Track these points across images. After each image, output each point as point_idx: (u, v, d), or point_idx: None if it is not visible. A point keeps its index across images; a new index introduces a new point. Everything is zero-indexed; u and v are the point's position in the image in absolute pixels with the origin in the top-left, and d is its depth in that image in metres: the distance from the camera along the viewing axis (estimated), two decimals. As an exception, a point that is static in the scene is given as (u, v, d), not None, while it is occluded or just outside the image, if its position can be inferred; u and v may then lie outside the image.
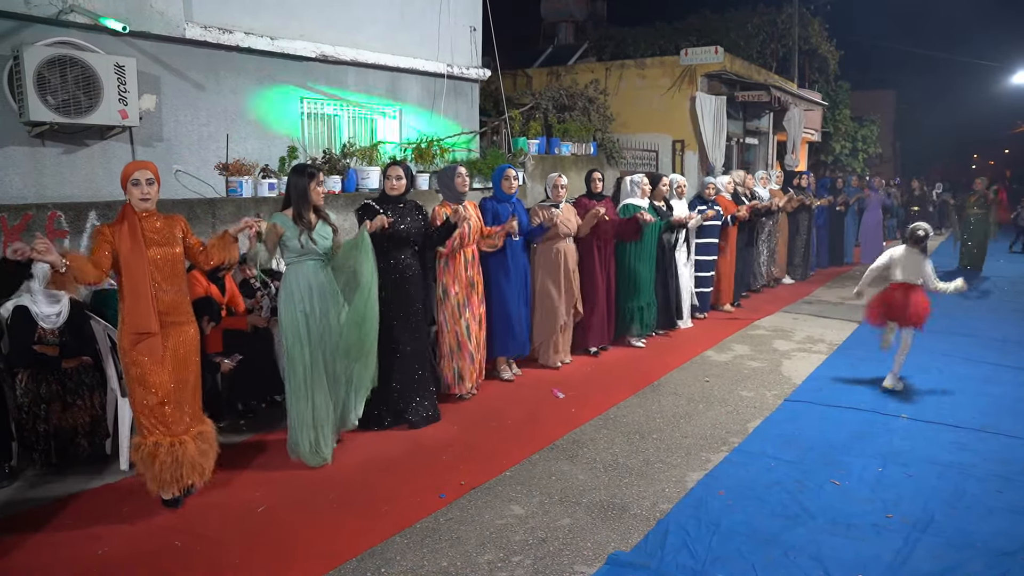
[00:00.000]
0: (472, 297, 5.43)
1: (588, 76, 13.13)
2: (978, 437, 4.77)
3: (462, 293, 5.37)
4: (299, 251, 4.24)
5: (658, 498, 3.91)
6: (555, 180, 6.27)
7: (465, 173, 5.41)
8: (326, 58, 7.27)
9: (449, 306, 5.38)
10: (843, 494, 3.96)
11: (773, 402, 5.46)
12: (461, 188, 5.35)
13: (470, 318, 5.41)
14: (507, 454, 4.46)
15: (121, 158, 5.89)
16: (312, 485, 4.03)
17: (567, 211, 6.28)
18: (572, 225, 6.28)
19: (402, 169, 4.93)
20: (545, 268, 6.20)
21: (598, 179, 6.70)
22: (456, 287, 5.37)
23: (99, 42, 5.64)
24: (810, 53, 17.68)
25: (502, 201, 5.86)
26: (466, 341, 5.39)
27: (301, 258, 4.26)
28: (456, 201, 5.31)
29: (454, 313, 5.37)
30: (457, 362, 5.41)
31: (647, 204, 6.98)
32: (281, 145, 6.90)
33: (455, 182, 5.35)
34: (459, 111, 8.97)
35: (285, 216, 4.25)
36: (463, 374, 5.41)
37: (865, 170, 19.24)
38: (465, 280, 5.39)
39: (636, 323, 6.99)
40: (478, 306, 5.51)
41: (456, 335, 5.39)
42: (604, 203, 6.56)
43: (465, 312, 5.38)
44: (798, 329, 7.85)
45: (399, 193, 4.89)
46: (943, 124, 39.54)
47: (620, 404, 5.40)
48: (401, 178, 4.89)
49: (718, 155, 12.33)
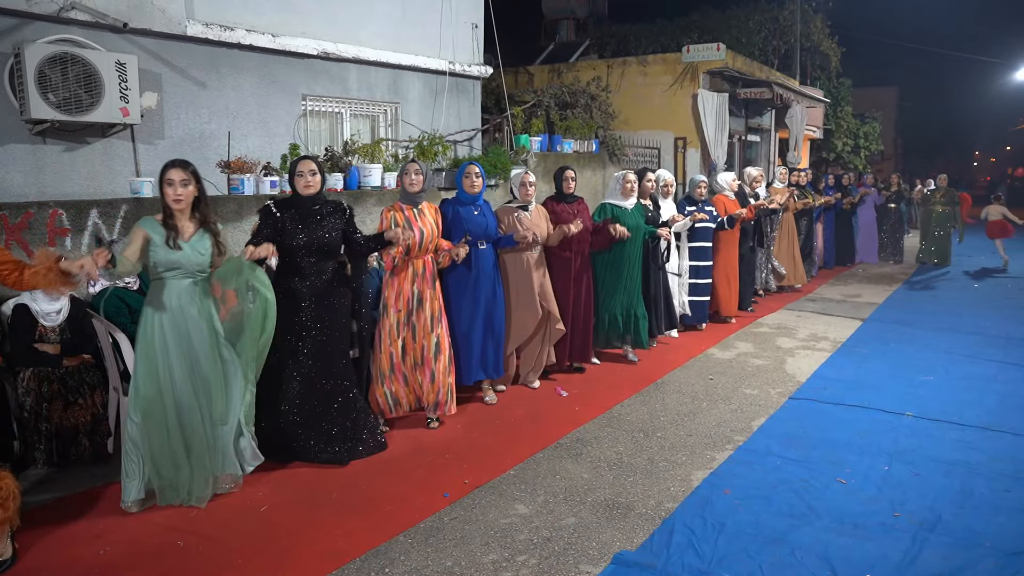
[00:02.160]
0: (417, 316, 4.76)
1: (590, 73, 13.09)
2: (984, 435, 4.75)
3: (403, 311, 4.73)
4: (164, 265, 3.64)
5: (663, 497, 3.88)
6: (522, 178, 5.55)
7: (416, 171, 4.77)
8: (328, 55, 7.25)
9: (387, 324, 4.72)
10: (849, 493, 3.93)
11: (777, 400, 5.44)
12: (409, 187, 4.75)
13: (408, 338, 4.76)
14: (511, 453, 4.44)
15: (122, 156, 5.88)
16: (315, 484, 4.01)
17: (537, 214, 5.60)
18: (542, 230, 5.56)
19: (314, 163, 4.26)
20: (510, 279, 5.49)
21: (570, 178, 5.90)
22: (398, 304, 4.73)
23: (100, 39, 5.61)
24: (812, 50, 17.64)
25: (465, 203, 5.18)
26: (400, 364, 4.75)
27: (167, 274, 3.66)
28: (409, 202, 4.78)
29: (391, 332, 4.72)
30: (390, 386, 4.76)
31: (632, 204, 6.32)
32: (283, 143, 6.87)
33: (403, 180, 4.81)
34: (461, 109, 8.95)
35: (156, 220, 3.68)
36: (399, 398, 4.81)
37: (867, 167, 19.20)
38: (410, 295, 4.74)
39: (608, 333, 6.31)
40: (429, 327, 4.79)
41: (390, 357, 4.73)
42: (577, 207, 5.89)
43: (403, 331, 4.74)
44: (802, 326, 7.82)
45: (313, 192, 4.23)
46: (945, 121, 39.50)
47: (624, 402, 5.38)
48: (315, 173, 4.22)
49: (720, 152, 12.29)
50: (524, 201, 5.55)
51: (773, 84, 12.78)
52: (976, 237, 13.12)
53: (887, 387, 5.74)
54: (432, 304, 4.79)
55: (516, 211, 5.49)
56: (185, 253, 3.66)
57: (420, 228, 4.70)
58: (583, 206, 5.98)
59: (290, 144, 6.71)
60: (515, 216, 5.45)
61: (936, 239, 12.41)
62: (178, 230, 3.66)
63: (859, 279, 11.19)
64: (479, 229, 5.12)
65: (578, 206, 5.91)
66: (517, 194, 5.57)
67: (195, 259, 3.69)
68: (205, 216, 3.77)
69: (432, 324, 4.79)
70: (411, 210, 4.77)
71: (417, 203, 4.80)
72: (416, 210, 4.78)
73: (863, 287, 10.43)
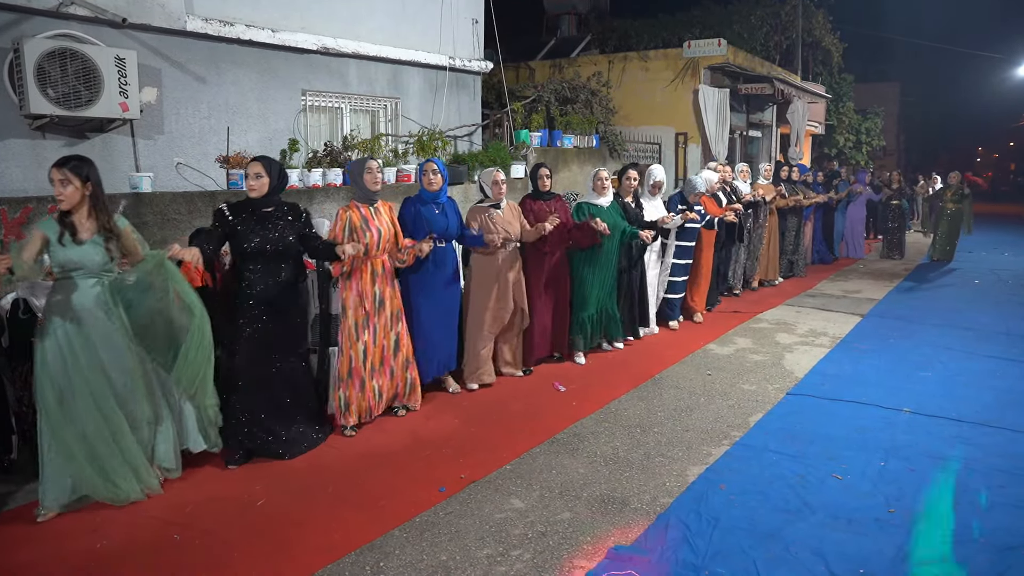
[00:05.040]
0: (378, 317, 4.66)
1: (591, 68, 13.08)
2: (982, 431, 4.75)
3: (361, 312, 4.60)
4: (63, 264, 3.54)
5: (659, 492, 3.89)
6: (493, 176, 5.42)
7: (378, 168, 4.65)
8: (327, 51, 7.25)
9: (346, 326, 4.59)
10: (845, 488, 3.94)
11: (775, 396, 5.44)
12: (371, 186, 4.61)
13: (369, 341, 4.64)
14: (508, 447, 4.45)
15: (122, 151, 5.89)
16: (311, 478, 4.02)
17: (509, 212, 5.50)
18: (514, 229, 5.47)
19: (262, 165, 4.10)
20: (478, 277, 5.46)
21: (546, 175, 5.84)
22: (356, 305, 4.60)
23: (99, 34, 5.62)
24: (814, 45, 17.60)
25: (426, 202, 5.06)
26: (359, 367, 4.61)
27: (74, 274, 3.56)
28: (366, 201, 4.64)
29: (351, 335, 4.58)
30: (345, 391, 4.61)
31: (607, 201, 6.17)
32: (282, 138, 6.88)
33: (364, 179, 4.60)
34: (461, 104, 8.94)
35: (54, 219, 3.57)
36: (349, 404, 4.61)
37: (869, 163, 19.16)
38: (370, 297, 4.62)
39: (581, 336, 6.23)
40: (389, 327, 4.73)
41: (350, 360, 4.61)
42: (554, 204, 5.85)
43: (363, 334, 4.61)
44: (801, 322, 7.82)
45: (260, 195, 4.09)
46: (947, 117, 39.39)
47: (621, 398, 5.39)
48: (261, 176, 4.06)
49: (721, 148, 12.28)
50: (496, 199, 5.45)
51: (774, 79, 12.76)
52: (977, 234, 13.03)
53: (885, 383, 5.74)
54: (392, 303, 4.76)
55: (488, 210, 5.39)
56: (84, 251, 3.54)
57: (377, 227, 4.60)
58: (561, 203, 5.93)
59: (289, 139, 6.72)
60: (487, 215, 5.36)
61: (943, 235, 12.32)
62: (74, 227, 3.53)
63: (860, 274, 11.18)
64: (440, 228, 5.05)
65: (555, 203, 5.87)
66: (488, 192, 5.46)
67: (96, 258, 3.57)
68: (101, 217, 3.60)
69: (392, 322, 4.77)
70: (368, 209, 4.66)
71: (374, 202, 4.69)
72: (373, 209, 4.67)
73: (864, 283, 10.42)
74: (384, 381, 4.78)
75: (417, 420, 4.89)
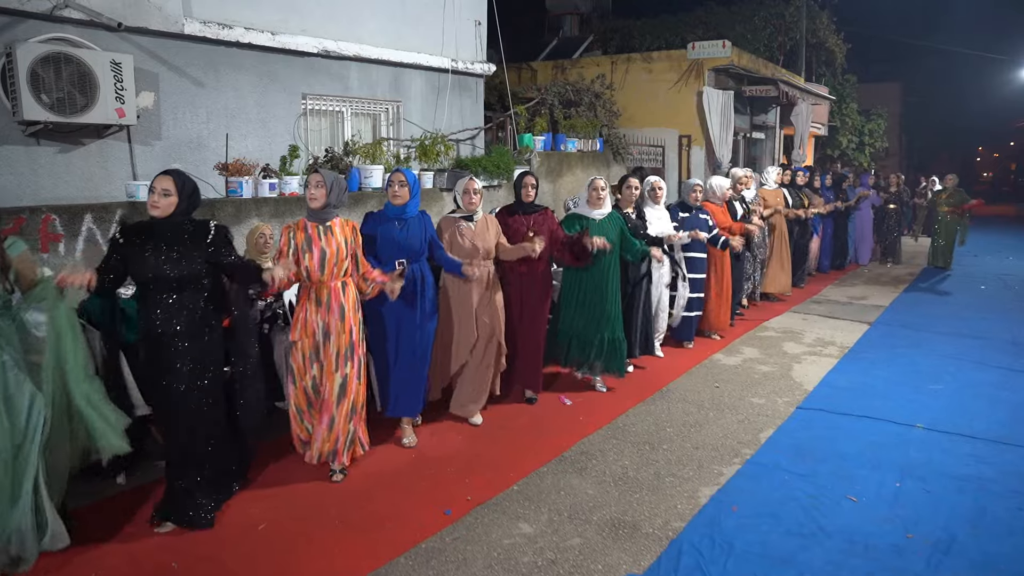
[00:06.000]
0: (324, 350, 4.06)
1: (594, 70, 12.95)
2: (996, 449, 4.65)
3: (309, 341, 4.05)
4: None
5: (670, 515, 3.79)
6: (466, 185, 4.89)
7: (317, 183, 4.04)
8: (328, 53, 7.13)
9: (297, 356, 4.10)
10: (860, 511, 3.84)
11: (785, 410, 5.34)
12: (311, 202, 4.07)
13: (318, 375, 4.08)
14: (514, 466, 4.34)
15: (118, 157, 5.77)
16: (313, 501, 3.91)
17: (483, 226, 4.93)
18: (488, 243, 4.89)
19: (173, 181, 3.56)
20: (450, 298, 4.91)
21: (531, 185, 5.22)
22: (305, 334, 4.06)
23: (95, 38, 5.50)
24: (817, 46, 17.47)
25: (390, 218, 4.52)
26: (314, 399, 4.13)
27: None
28: (315, 220, 4.08)
29: (300, 367, 4.10)
30: (308, 422, 4.17)
31: (603, 214, 5.49)
32: (282, 143, 6.76)
33: (306, 194, 4.12)
34: (463, 107, 8.82)
35: None
36: (314, 438, 4.13)
37: (872, 165, 19.05)
38: (316, 327, 4.04)
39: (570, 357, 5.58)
40: (335, 366, 4.07)
41: (305, 393, 4.13)
42: (536, 218, 5.20)
43: (312, 368, 4.09)
44: (808, 330, 7.72)
45: (164, 215, 3.56)
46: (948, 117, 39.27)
47: (629, 411, 5.28)
48: (169, 194, 3.54)
49: (725, 151, 12.16)
50: (468, 211, 4.89)
51: (779, 82, 12.64)
52: (980, 238, 12.87)
53: (895, 396, 5.65)
54: (339, 339, 4.07)
55: (459, 222, 4.87)
56: None
57: (322, 248, 4.01)
58: (547, 216, 5.28)
59: (290, 146, 6.60)
60: (456, 228, 4.86)
61: (941, 241, 12.11)
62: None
63: (865, 280, 11.08)
64: (403, 248, 4.51)
65: (539, 217, 5.22)
66: (460, 203, 4.92)
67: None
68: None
69: (338, 362, 4.08)
70: (316, 228, 4.07)
71: (325, 220, 4.10)
72: (323, 228, 4.08)
73: (869, 289, 10.32)
74: (323, 428, 4.09)
75: (421, 437, 4.77)
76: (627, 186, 6.03)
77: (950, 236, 12.01)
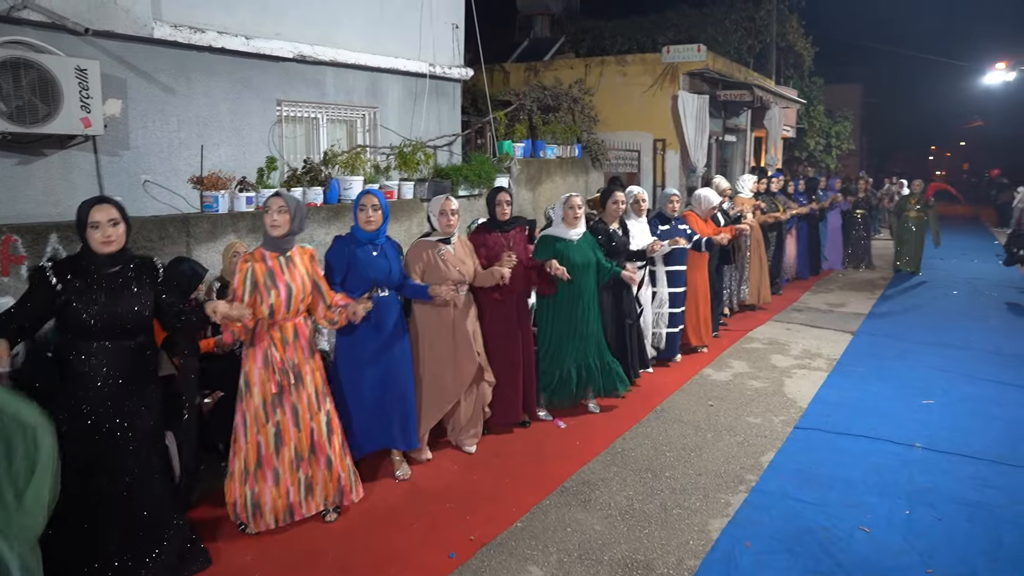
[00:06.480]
0: (298, 393, 3.73)
1: (567, 72, 12.81)
2: (998, 471, 4.61)
3: (270, 385, 3.66)
4: None
5: (683, 552, 3.64)
6: (442, 205, 4.53)
7: (280, 208, 3.65)
8: (304, 58, 6.83)
9: (251, 405, 3.65)
10: (875, 544, 3.74)
11: (782, 430, 5.25)
12: (272, 230, 3.67)
13: (287, 423, 3.70)
14: (515, 500, 4.16)
15: (84, 169, 5.42)
16: (309, 545, 3.67)
17: (461, 249, 4.65)
18: (468, 268, 4.63)
19: (115, 208, 3.11)
20: (427, 329, 4.58)
21: (505, 202, 4.94)
22: (264, 380, 3.66)
23: (58, 42, 5.13)
24: (786, 49, 17.58)
25: (362, 243, 4.19)
26: (271, 456, 3.68)
27: None
28: (275, 249, 3.70)
29: (258, 416, 3.65)
30: (252, 485, 3.67)
31: (579, 234, 5.25)
32: (256, 152, 6.45)
33: (264, 220, 3.69)
34: (441, 112, 8.58)
35: None
36: (261, 503, 3.68)
37: (839, 166, 19.28)
38: (291, 365, 3.71)
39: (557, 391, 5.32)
40: (317, 406, 3.80)
41: (258, 447, 3.66)
42: (513, 236, 5.00)
43: (275, 414, 3.70)
44: (793, 341, 7.67)
45: (114, 249, 3.11)
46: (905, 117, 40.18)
47: (625, 435, 5.13)
48: (118, 223, 3.10)
49: (700, 155, 12.12)
50: (445, 233, 4.57)
51: (754, 87, 12.63)
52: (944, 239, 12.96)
53: (890, 412, 5.60)
54: (314, 376, 3.81)
55: (436, 246, 4.54)
56: None
57: (287, 283, 3.67)
58: (522, 235, 5.08)
59: (267, 157, 6.30)
60: (435, 254, 4.52)
61: (909, 245, 12.23)
62: None
63: (840, 285, 11.13)
64: (380, 274, 4.18)
65: (515, 235, 5.00)
66: (436, 225, 4.57)
67: None
68: None
69: (319, 401, 3.81)
70: (276, 259, 3.70)
71: (286, 249, 3.74)
72: (283, 259, 3.72)
73: (846, 295, 10.36)
74: (319, 473, 3.81)
75: (414, 468, 4.54)
76: (613, 201, 5.73)
77: (918, 240, 12.13)
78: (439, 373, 4.60)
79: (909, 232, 12.17)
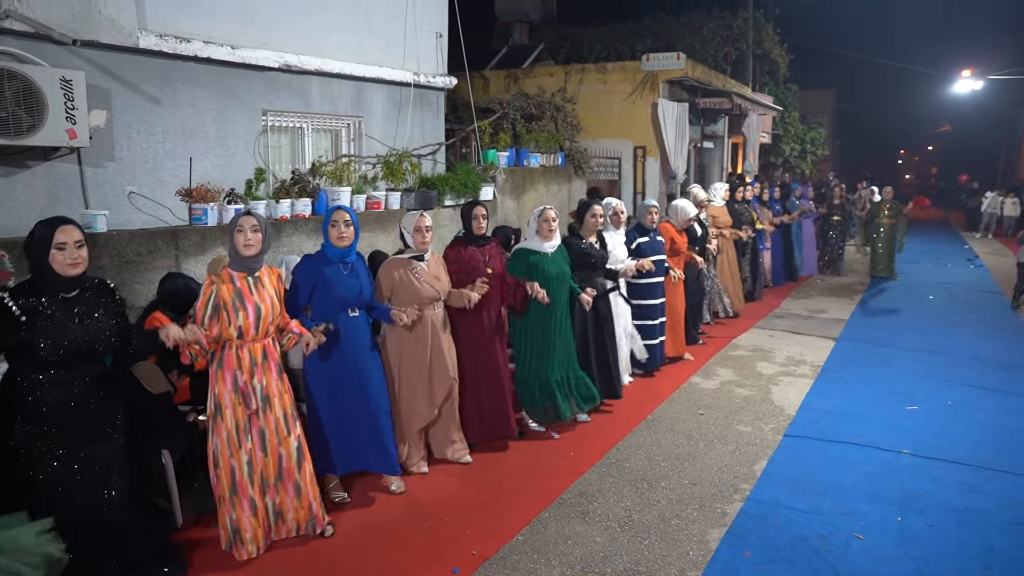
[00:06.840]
0: (266, 417, 3.62)
1: (547, 79, 12.84)
2: (984, 476, 4.71)
3: (241, 410, 3.56)
4: None
5: (684, 564, 3.67)
6: (416, 221, 4.45)
7: (252, 227, 3.56)
8: (289, 68, 6.78)
9: (223, 430, 3.55)
10: (870, 552, 3.80)
11: (773, 438, 5.31)
12: (243, 249, 3.57)
13: (255, 449, 3.60)
14: (514, 512, 4.16)
15: (68, 181, 5.33)
16: (305, 566, 3.63)
17: (436, 265, 4.61)
18: (443, 285, 4.58)
19: (78, 228, 3.02)
20: (401, 349, 4.49)
21: (481, 216, 4.87)
22: (234, 403, 3.56)
23: (42, 52, 5.05)
24: (762, 57, 17.80)
25: (332, 261, 4.08)
26: (245, 484, 3.59)
27: None
28: (243, 269, 3.60)
29: (231, 440, 3.55)
30: (230, 512, 3.59)
31: (554, 247, 5.22)
32: (242, 162, 6.39)
33: (234, 239, 3.57)
34: (425, 121, 8.57)
35: None
36: (241, 529, 3.60)
37: (814, 172, 19.56)
38: (259, 389, 3.61)
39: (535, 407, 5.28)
40: (286, 430, 3.70)
41: (232, 472, 3.58)
42: (489, 251, 4.95)
43: (247, 441, 3.58)
44: (777, 348, 7.76)
45: (78, 272, 3.01)
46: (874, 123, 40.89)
47: (619, 445, 5.16)
48: (83, 245, 3.01)
49: (680, 163, 12.22)
50: (420, 250, 4.49)
51: (733, 95, 12.77)
52: (916, 244, 13.18)
53: (876, 419, 5.70)
54: (283, 399, 3.69)
55: (410, 263, 4.47)
56: None
57: (256, 304, 3.57)
58: (496, 250, 5.05)
59: (256, 168, 6.25)
60: (409, 272, 4.44)
61: (883, 251, 12.41)
62: None
63: (819, 291, 11.28)
64: (351, 293, 4.09)
65: (490, 250, 4.97)
66: (411, 241, 4.49)
67: None
68: None
69: (288, 425, 3.70)
70: (244, 280, 3.59)
71: (254, 269, 3.63)
72: (252, 279, 3.62)
73: (826, 300, 10.50)
74: (287, 500, 3.71)
75: (410, 482, 4.53)
76: (591, 214, 5.61)
77: (890, 245, 12.36)
78: (412, 399, 4.54)
79: (881, 238, 12.38)
